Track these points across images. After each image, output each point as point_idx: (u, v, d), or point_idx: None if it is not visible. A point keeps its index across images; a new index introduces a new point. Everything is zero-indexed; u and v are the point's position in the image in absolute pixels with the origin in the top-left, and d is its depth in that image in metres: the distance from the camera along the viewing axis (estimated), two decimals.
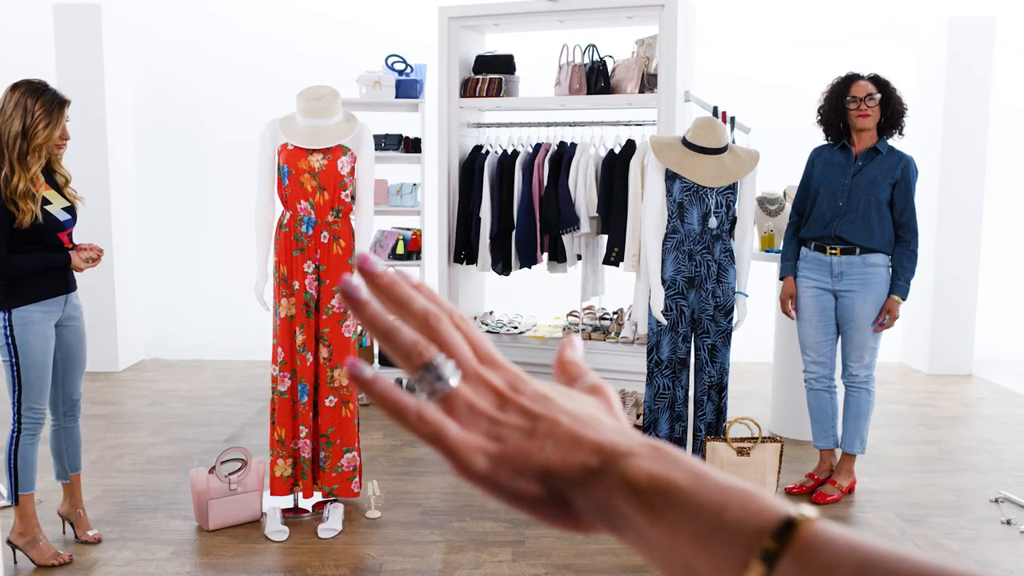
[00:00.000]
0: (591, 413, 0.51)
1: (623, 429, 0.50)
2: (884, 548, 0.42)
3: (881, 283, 3.67)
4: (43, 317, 3.06)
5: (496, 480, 0.48)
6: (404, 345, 0.50)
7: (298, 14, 7.25)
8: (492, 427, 0.49)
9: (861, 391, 3.76)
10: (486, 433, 0.49)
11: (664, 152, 3.62)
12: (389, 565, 3.17)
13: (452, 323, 0.53)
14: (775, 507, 0.44)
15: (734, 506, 0.44)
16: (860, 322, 3.70)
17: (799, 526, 0.43)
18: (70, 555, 3.15)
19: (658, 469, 0.46)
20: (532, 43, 5.75)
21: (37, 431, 3.10)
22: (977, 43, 5.92)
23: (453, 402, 0.50)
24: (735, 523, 0.44)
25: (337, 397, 3.59)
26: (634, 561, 3.21)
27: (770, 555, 0.42)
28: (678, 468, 0.46)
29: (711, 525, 0.44)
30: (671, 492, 0.45)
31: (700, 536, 0.44)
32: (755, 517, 0.44)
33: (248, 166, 6.38)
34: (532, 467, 0.48)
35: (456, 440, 0.48)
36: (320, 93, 3.49)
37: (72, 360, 3.24)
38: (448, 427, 0.48)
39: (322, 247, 3.50)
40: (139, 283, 6.49)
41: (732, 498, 0.44)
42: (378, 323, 0.51)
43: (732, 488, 0.45)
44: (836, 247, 3.68)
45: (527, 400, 0.50)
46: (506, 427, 0.49)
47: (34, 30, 6.85)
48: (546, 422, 0.49)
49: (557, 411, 0.50)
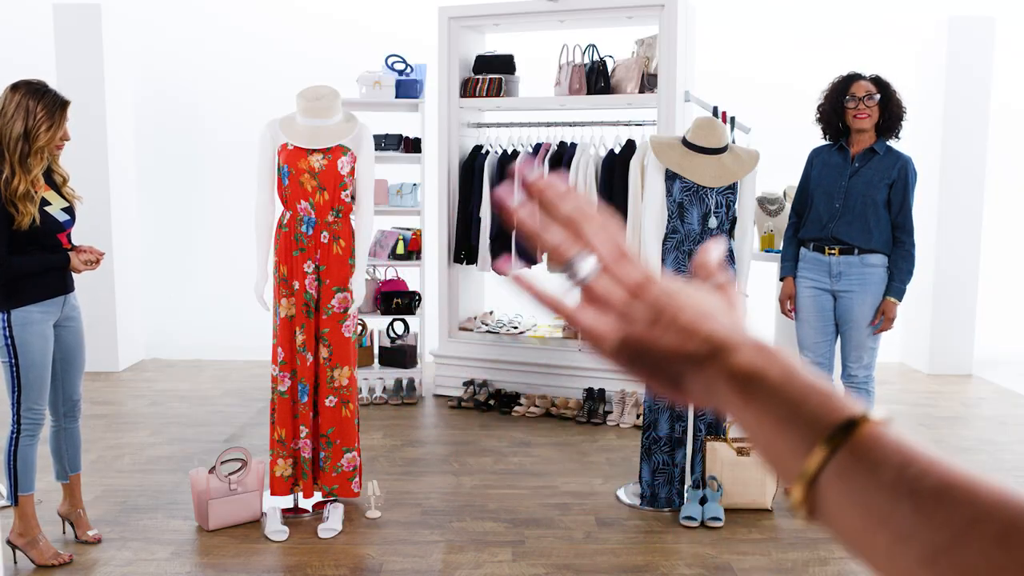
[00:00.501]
0: (711, 309, 0.59)
1: (736, 324, 0.58)
2: (926, 451, 0.49)
3: (879, 283, 3.66)
4: (42, 318, 3.05)
5: (620, 357, 0.59)
6: (550, 246, 0.61)
7: (298, 14, 7.25)
8: (622, 315, 0.59)
9: (860, 392, 3.75)
10: (617, 319, 0.59)
11: (664, 152, 3.62)
12: (389, 565, 3.17)
13: (595, 225, 0.62)
14: (848, 408, 0.51)
15: (813, 401, 0.52)
16: (858, 322, 3.69)
17: (861, 425, 0.50)
18: (70, 555, 3.15)
19: (757, 362, 0.55)
20: (532, 43, 5.75)
21: (36, 432, 3.09)
22: (977, 43, 5.92)
23: (591, 292, 0.60)
24: (810, 415, 0.51)
25: (337, 397, 3.59)
26: (634, 561, 3.21)
27: (832, 443, 0.50)
28: (774, 364, 0.54)
29: (791, 413, 0.52)
30: (764, 383, 0.54)
31: (781, 421, 0.53)
32: (828, 412, 0.51)
33: (248, 166, 6.37)
34: (652, 349, 0.57)
35: (587, 324, 0.59)
36: (320, 93, 3.49)
37: (71, 361, 3.23)
38: (581, 314, 0.59)
39: (322, 247, 3.50)
40: (139, 283, 6.49)
41: (813, 395, 0.52)
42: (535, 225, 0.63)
43: (816, 387, 0.53)
44: (835, 247, 3.68)
45: (655, 294, 0.59)
46: (634, 315, 0.58)
47: (34, 30, 6.84)
48: (668, 313, 0.58)
49: (680, 305, 0.58)
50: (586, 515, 3.64)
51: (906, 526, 0.46)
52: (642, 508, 3.74)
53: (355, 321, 3.63)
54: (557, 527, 3.52)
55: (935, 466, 0.48)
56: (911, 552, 0.46)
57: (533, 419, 5.04)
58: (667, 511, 3.71)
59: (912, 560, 0.46)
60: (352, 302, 3.54)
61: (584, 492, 3.91)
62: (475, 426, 4.90)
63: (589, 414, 4.98)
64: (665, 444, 3.74)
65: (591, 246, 0.61)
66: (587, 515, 3.64)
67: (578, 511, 3.69)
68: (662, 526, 3.56)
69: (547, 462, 4.31)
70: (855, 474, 0.49)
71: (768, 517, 3.65)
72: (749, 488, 3.69)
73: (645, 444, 3.78)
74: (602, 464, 4.28)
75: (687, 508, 3.60)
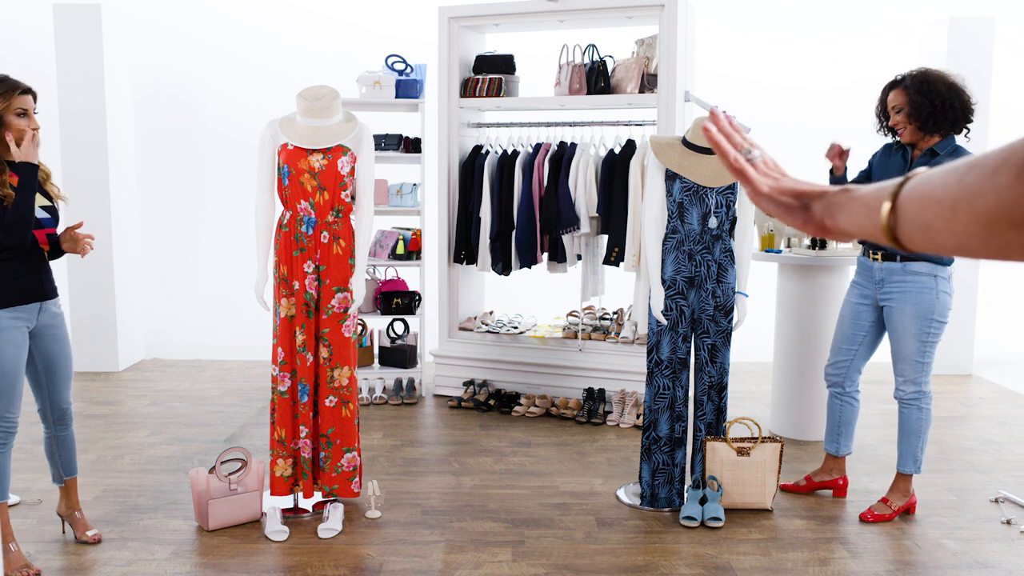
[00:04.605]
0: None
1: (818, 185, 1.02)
2: (939, 167, 0.76)
3: (920, 293, 3.50)
4: (13, 324, 2.94)
5: (771, 197, 1.02)
6: (734, 143, 1.07)
7: (298, 14, 7.26)
8: (774, 177, 1.04)
9: (911, 408, 3.62)
10: (772, 179, 1.04)
11: (664, 152, 3.62)
12: (389, 565, 3.17)
13: (754, 145, 1.09)
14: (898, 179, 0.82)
15: (884, 188, 0.83)
16: (899, 333, 3.56)
17: (911, 178, 0.80)
18: (38, 570, 3.06)
19: (848, 189, 0.92)
20: (532, 43, 5.75)
21: (9, 440, 3.01)
22: (977, 43, 5.92)
23: (755, 163, 1.06)
24: (881, 191, 0.84)
25: (337, 397, 3.59)
26: (634, 561, 3.21)
27: (893, 196, 0.81)
28: (859, 189, 0.90)
29: (874, 199, 0.85)
30: (855, 192, 0.90)
31: (866, 203, 0.86)
32: (891, 185, 0.82)
33: (248, 166, 6.40)
34: (792, 192, 1.01)
35: (752, 175, 1.05)
36: (320, 93, 3.49)
37: (54, 370, 3.15)
38: (749, 169, 1.05)
39: (322, 247, 3.50)
40: (139, 283, 6.49)
41: (884, 185, 0.84)
42: (721, 138, 1.08)
43: (887, 183, 0.84)
44: (878, 252, 3.59)
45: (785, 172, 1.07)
46: (780, 177, 1.05)
47: (34, 30, 6.85)
48: (799, 180, 1.03)
49: (795, 178, 1.05)
50: (586, 515, 3.64)
51: (975, 186, 0.67)
52: (642, 508, 3.74)
53: (355, 321, 3.62)
54: (557, 527, 3.52)
55: (936, 172, 0.75)
56: (984, 200, 0.66)
57: (533, 419, 5.04)
58: (667, 511, 3.71)
59: (988, 205, 0.66)
60: (352, 302, 3.54)
61: (584, 492, 3.91)
62: (475, 426, 4.90)
63: (589, 414, 4.98)
64: (665, 444, 3.74)
65: (755, 146, 1.07)
66: (587, 515, 3.64)
67: (578, 511, 3.69)
68: (662, 526, 3.56)
69: (547, 462, 4.31)
70: (920, 193, 0.76)
71: (768, 517, 3.65)
72: (749, 488, 3.69)
73: (645, 444, 3.78)
74: (602, 464, 4.28)
75: (687, 508, 3.60)
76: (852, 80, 6.60)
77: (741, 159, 1.06)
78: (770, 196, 1.02)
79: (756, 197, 1.03)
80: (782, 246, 4.78)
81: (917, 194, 0.77)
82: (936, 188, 0.73)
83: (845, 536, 3.48)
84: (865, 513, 3.64)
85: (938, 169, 0.75)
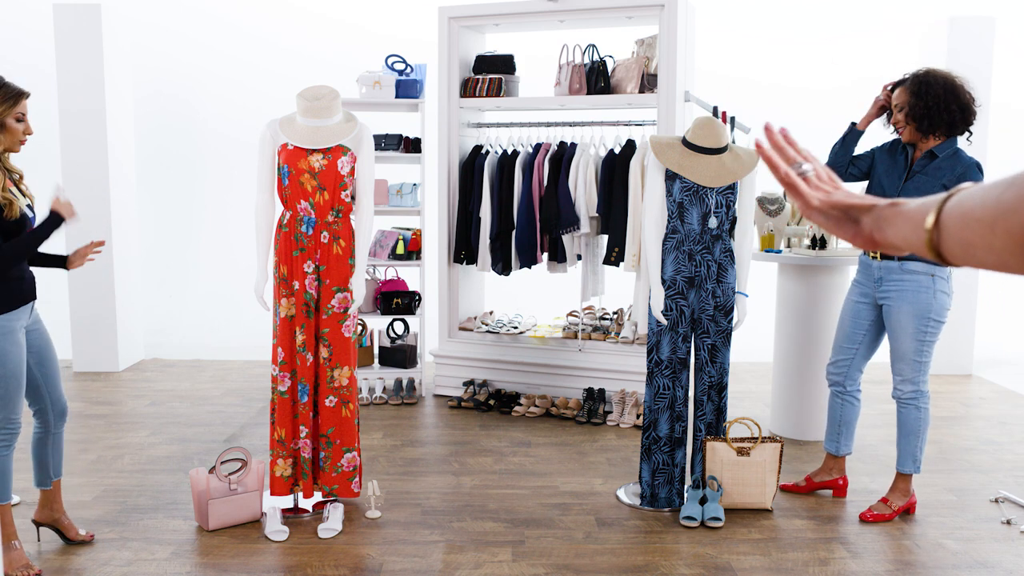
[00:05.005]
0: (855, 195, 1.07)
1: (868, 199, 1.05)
2: (980, 184, 0.79)
3: (918, 292, 3.49)
4: (16, 327, 2.96)
5: (822, 210, 1.04)
6: (786, 156, 1.10)
7: (298, 14, 7.26)
8: (825, 191, 1.06)
9: (909, 407, 3.63)
10: (822, 192, 1.06)
11: (664, 152, 3.62)
12: (389, 565, 3.17)
13: (807, 158, 1.12)
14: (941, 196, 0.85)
15: (928, 204, 0.86)
16: (896, 332, 3.56)
17: (954, 193, 0.82)
18: (38, 570, 3.07)
19: (897, 203, 0.95)
20: (532, 43, 5.75)
21: (13, 441, 3.03)
22: (977, 43, 5.92)
23: (806, 177, 1.07)
24: (926, 206, 0.86)
25: (337, 397, 3.59)
26: (634, 561, 3.21)
27: (937, 212, 0.82)
28: (906, 203, 0.93)
29: (919, 214, 0.87)
30: (903, 206, 0.92)
31: (912, 218, 0.88)
32: (935, 201, 0.84)
33: (248, 166, 6.40)
34: (842, 205, 1.03)
35: (803, 188, 1.06)
36: (320, 93, 3.49)
37: (48, 364, 3.17)
38: (800, 183, 1.07)
39: (322, 247, 3.50)
40: (139, 283, 6.49)
41: (929, 200, 0.86)
42: (775, 155, 1.12)
43: (931, 198, 0.87)
44: (876, 251, 3.57)
45: (838, 185, 1.09)
46: (831, 190, 1.06)
47: (34, 30, 6.85)
48: (850, 193, 1.05)
49: (847, 192, 1.07)
50: (586, 515, 3.64)
51: (1012, 205, 0.70)
52: (642, 508, 3.74)
53: (355, 321, 3.62)
54: (557, 527, 3.52)
55: (975, 190, 0.79)
56: (1019, 218, 0.69)
57: (533, 419, 5.04)
58: (667, 511, 3.71)
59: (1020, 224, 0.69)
60: (352, 302, 3.54)
61: (584, 492, 3.91)
62: (475, 426, 4.90)
63: (589, 414, 4.98)
64: (665, 444, 3.74)
65: (808, 159, 1.10)
66: (587, 515, 3.64)
67: (578, 511, 3.69)
68: (662, 526, 3.56)
69: (547, 462, 4.31)
70: (961, 210, 0.79)
71: (768, 517, 3.65)
72: (749, 488, 3.69)
73: (645, 444, 3.78)
74: (602, 464, 4.28)
75: (687, 508, 3.60)
76: (852, 80, 6.60)
77: (792, 173, 1.06)
78: (820, 209, 1.03)
79: (807, 211, 1.05)
80: (782, 246, 4.78)
81: (958, 211, 0.78)
82: (976, 206, 0.75)
83: (845, 536, 3.48)
84: (865, 513, 3.64)
85: (979, 186, 0.77)
